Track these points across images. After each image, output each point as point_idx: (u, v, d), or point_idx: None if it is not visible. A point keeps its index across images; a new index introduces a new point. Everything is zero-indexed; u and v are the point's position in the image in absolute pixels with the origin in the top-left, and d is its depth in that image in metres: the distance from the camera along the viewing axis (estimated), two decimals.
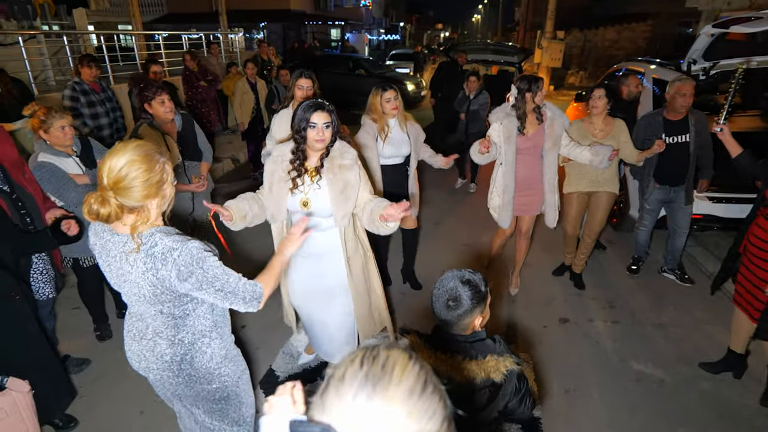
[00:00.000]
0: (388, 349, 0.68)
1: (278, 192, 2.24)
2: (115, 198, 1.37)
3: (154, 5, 18.26)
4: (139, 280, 1.44)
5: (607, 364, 3.03)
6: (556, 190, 3.36)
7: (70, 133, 2.69)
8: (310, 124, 2.10)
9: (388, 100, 3.11)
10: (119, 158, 1.36)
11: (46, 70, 7.46)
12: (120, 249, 1.46)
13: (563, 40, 15.65)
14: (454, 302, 1.39)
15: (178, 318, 1.56)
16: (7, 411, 1.89)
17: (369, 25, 29.66)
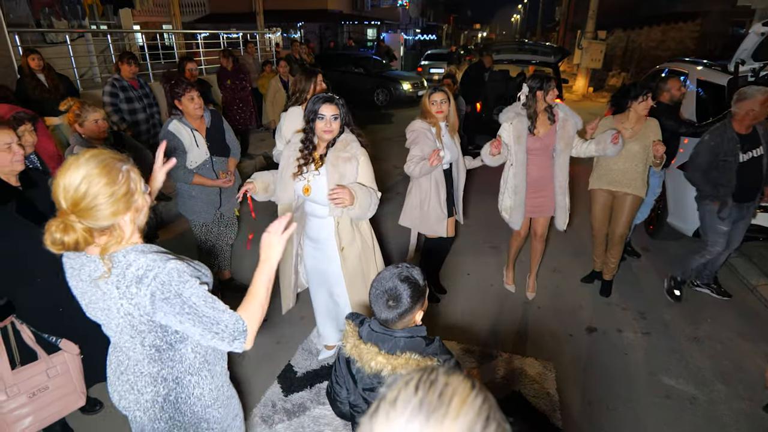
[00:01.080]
0: (448, 375, 0.61)
1: (285, 177, 2.40)
2: (80, 221, 1.17)
3: (197, 5, 18.82)
4: (112, 307, 1.25)
5: (635, 377, 2.89)
6: (566, 193, 3.28)
7: (103, 126, 2.80)
8: (318, 115, 2.25)
9: (434, 102, 2.98)
10: (73, 175, 1.15)
11: (92, 68, 7.79)
12: (89, 273, 1.27)
13: (605, 40, 15.17)
14: (394, 302, 1.35)
15: (162, 350, 1.34)
16: (58, 369, 2.11)
17: (405, 25, 29.59)
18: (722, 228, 3.33)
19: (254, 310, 1.35)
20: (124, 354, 1.38)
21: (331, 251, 2.51)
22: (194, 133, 3.09)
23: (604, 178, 3.50)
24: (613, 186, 3.46)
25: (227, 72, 6.78)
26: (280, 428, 2.47)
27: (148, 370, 1.36)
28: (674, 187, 4.19)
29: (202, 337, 1.28)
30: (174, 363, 1.37)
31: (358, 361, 1.37)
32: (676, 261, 3.71)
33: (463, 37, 50.03)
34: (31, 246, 1.94)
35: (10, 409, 1.98)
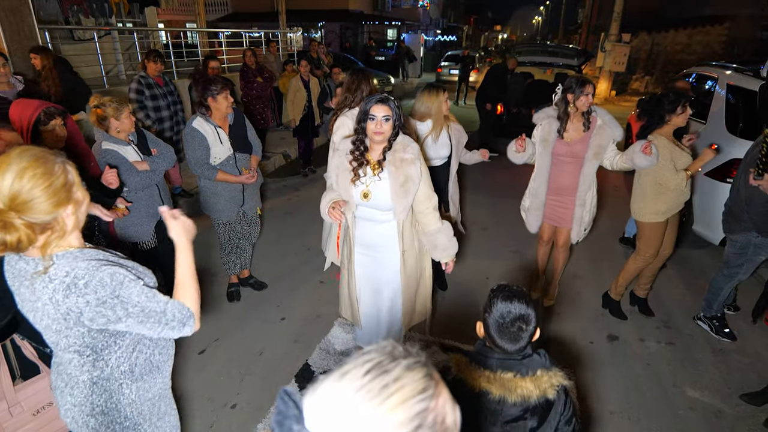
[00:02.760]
0: (406, 370, 0.59)
1: (344, 182, 2.31)
2: (20, 218, 1.12)
3: (220, 4, 19.09)
4: (41, 309, 1.22)
5: (658, 388, 2.83)
6: (588, 206, 3.15)
7: (132, 120, 2.85)
8: (369, 116, 2.16)
9: (446, 100, 3.16)
10: (5, 172, 1.11)
11: (118, 65, 7.95)
12: (23, 270, 1.23)
13: (629, 43, 14.90)
14: (526, 328, 1.31)
15: (87, 356, 1.30)
16: None
17: (426, 26, 29.52)
18: (761, 258, 3.06)
19: (190, 293, 1.39)
20: (58, 358, 1.36)
21: (387, 256, 2.44)
22: (218, 130, 3.12)
23: (674, 207, 3.13)
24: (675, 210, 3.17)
25: (252, 71, 6.84)
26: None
27: (79, 375, 1.33)
28: (701, 195, 4.09)
29: (152, 330, 1.28)
30: (104, 369, 1.34)
31: (495, 392, 1.29)
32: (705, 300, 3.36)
33: (483, 39, 49.69)
34: None
35: (13, 429, 1.93)
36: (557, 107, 3.08)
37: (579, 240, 3.29)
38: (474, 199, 5.64)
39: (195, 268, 1.43)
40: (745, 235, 2.98)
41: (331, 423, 0.57)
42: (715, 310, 3.28)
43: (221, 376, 2.83)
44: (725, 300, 3.27)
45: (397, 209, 2.28)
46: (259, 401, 2.64)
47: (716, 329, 3.27)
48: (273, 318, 3.36)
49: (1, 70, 3.51)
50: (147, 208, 2.97)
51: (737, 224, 3.00)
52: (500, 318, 1.31)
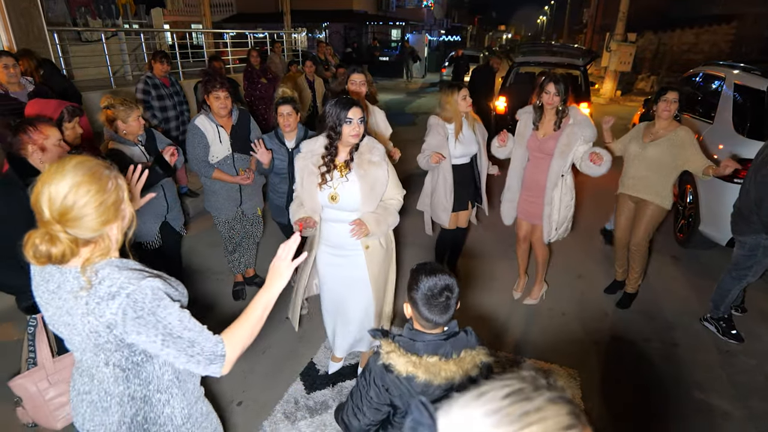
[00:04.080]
0: (549, 402, 0.56)
1: (309, 187, 2.31)
2: (65, 232, 1.10)
3: (225, 5, 19.16)
4: (77, 323, 1.16)
5: (663, 390, 2.82)
6: (555, 204, 3.13)
7: (142, 123, 2.87)
8: (346, 119, 2.17)
9: (464, 97, 3.17)
10: (60, 183, 1.08)
11: (124, 66, 7.99)
12: (60, 283, 1.18)
13: (635, 42, 14.84)
14: (452, 299, 1.36)
15: (128, 370, 1.25)
16: None
17: (430, 26, 29.52)
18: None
19: (242, 335, 1.28)
20: (87, 373, 1.30)
21: (357, 255, 2.44)
22: (219, 129, 3.15)
23: (624, 182, 3.45)
24: (634, 191, 3.37)
25: (256, 71, 6.86)
26: (302, 425, 2.49)
27: (114, 390, 1.27)
28: (708, 195, 4.07)
29: (176, 359, 1.20)
30: (141, 382, 1.28)
31: (421, 376, 1.31)
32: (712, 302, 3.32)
33: (487, 39, 49.63)
34: None
35: (52, 397, 2.04)
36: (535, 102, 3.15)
37: (551, 239, 3.28)
38: None
39: (266, 315, 1.33)
40: (754, 237, 2.96)
41: None
42: (722, 312, 3.26)
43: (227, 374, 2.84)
44: (733, 301, 3.25)
45: (365, 209, 2.30)
46: (264, 399, 2.65)
47: (723, 331, 3.25)
48: (278, 316, 3.37)
49: (12, 71, 3.54)
50: (152, 209, 2.98)
51: (747, 226, 2.98)
52: (428, 291, 1.36)
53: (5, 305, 3.33)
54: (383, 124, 3.55)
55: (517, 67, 8.21)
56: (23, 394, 2.02)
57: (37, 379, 2.02)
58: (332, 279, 2.54)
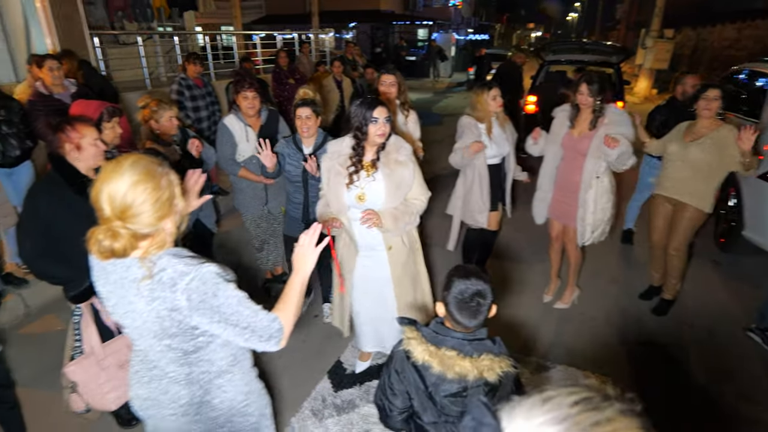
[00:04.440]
0: (619, 414, 0.54)
1: (336, 187, 2.31)
2: (125, 227, 1.18)
3: (254, 7, 19.47)
4: (143, 310, 1.24)
5: (704, 401, 2.71)
6: (589, 206, 3.04)
7: (176, 124, 2.94)
8: (372, 119, 2.16)
9: (494, 97, 3.15)
10: (119, 182, 1.16)
11: (159, 67, 8.23)
12: (122, 275, 1.26)
13: (672, 39, 14.36)
14: (483, 305, 1.37)
15: (190, 353, 1.32)
16: None
17: (457, 25, 29.28)
18: None
19: (289, 312, 1.37)
20: (150, 360, 1.37)
21: (383, 255, 2.45)
22: (247, 128, 3.21)
23: (662, 183, 3.32)
24: (673, 193, 3.23)
25: (284, 72, 6.95)
26: (329, 423, 2.50)
27: (179, 373, 1.35)
28: (753, 198, 3.89)
29: (238, 336, 1.27)
30: (203, 364, 1.36)
31: (436, 366, 1.34)
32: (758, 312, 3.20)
33: (515, 37, 48.94)
34: None
35: (104, 380, 2.15)
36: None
37: (585, 242, 3.19)
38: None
39: (303, 296, 1.44)
40: None
41: None
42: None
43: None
44: None
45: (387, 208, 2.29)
46: (293, 396, 2.68)
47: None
48: (306, 315, 3.41)
49: (56, 73, 3.68)
50: None
51: None
52: (459, 294, 1.36)
53: (48, 298, 3.47)
54: (413, 125, 3.53)
55: (548, 66, 8.03)
56: (79, 379, 2.12)
57: (89, 364, 2.13)
58: (362, 279, 2.53)
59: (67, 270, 2.07)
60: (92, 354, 2.14)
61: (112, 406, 2.19)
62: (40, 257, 2.04)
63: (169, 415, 1.40)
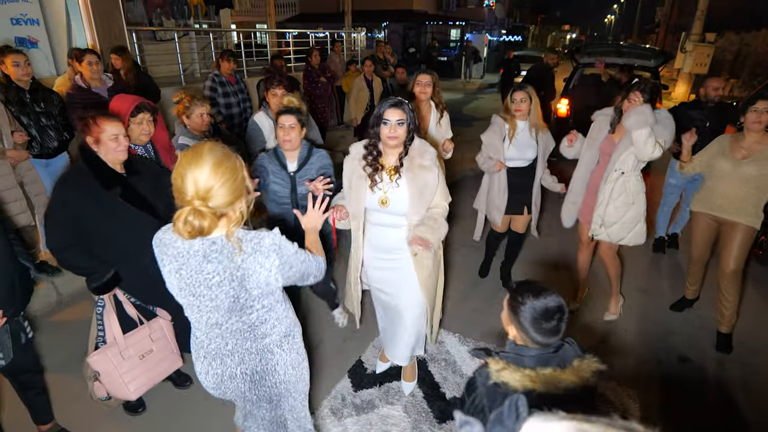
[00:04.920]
0: None
1: (357, 190, 2.25)
2: (207, 206, 1.30)
3: (288, 5, 19.74)
4: (224, 281, 1.40)
5: (737, 419, 2.60)
6: (604, 198, 2.95)
7: (207, 120, 2.99)
8: (383, 120, 2.11)
9: (513, 100, 3.15)
10: (202, 167, 1.29)
11: (193, 63, 8.42)
12: (200, 252, 1.39)
13: (713, 43, 13.83)
14: (562, 315, 1.30)
15: (255, 327, 1.54)
16: (158, 334, 2.37)
17: (491, 26, 28.97)
18: None
19: (317, 249, 1.74)
20: (221, 336, 1.55)
21: (405, 259, 2.38)
22: (275, 125, 3.23)
23: (707, 201, 3.09)
24: (721, 212, 3.02)
25: (315, 70, 7.01)
26: (348, 422, 2.50)
27: (248, 346, 1.57)
28: None
29: (301, 280, 1.59)
30: (264, 337, 1.57)
31: (539, 389, 1.24)
32: None
33: (550, 39, 48.06)
34: (132, 227, 2.13)
35: (125, 371, 2.21)
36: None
37: (594, 236, 3.09)
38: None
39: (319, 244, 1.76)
40: None
41: None
42: None
43: None
44: None
45: (411, 215, 2.22)
46: (312, 393, 2.68)
47: None
48: (328, 313, 3.42)
49: (95, 67, 3.81)
50: None
51: None
52: (539, 315, 1.28)
53: (80, 286, 3.59)
54: (446, 125, 3.48)
55: (582, 69, 7.84)
56: (101, 369, 2.17)
57: (111, 354, 2.18)
58: (381, 282, 2.48)
59: (91, 261, 2.11)
60: (114, 344, 2.19)
61: (132, 395, 2.24)
62: (66, 248, 2.08)
63: (240, 389, 1.63)
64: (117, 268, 2.18)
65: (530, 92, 3.14)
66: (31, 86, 3.46)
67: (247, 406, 1.77)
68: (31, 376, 2.23)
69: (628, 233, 3.04)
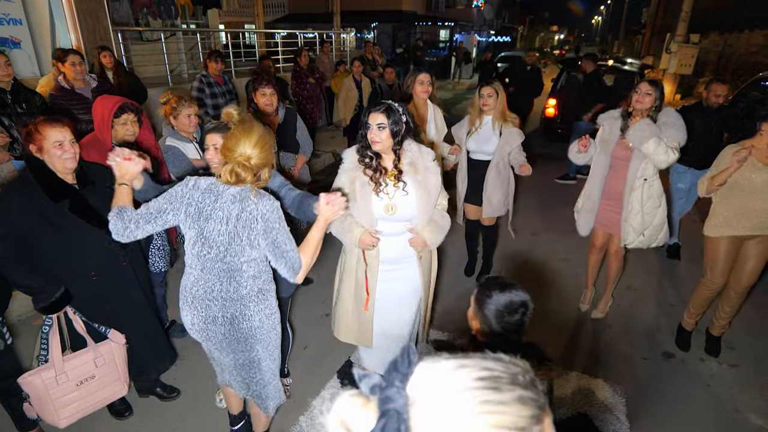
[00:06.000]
0: (517, 401, 0.57)
1: (364, 197, 2.16)
2: (250, 163, 1.71)
3: (277, 6, 19.63)
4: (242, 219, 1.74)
5: (717, 413, 2.64)
6: (634, 208, 2.96)
7: (194, 121, 2.96)
8: (366, 125, 2.09)
9: (481, 96, 3.29)
10: (251, 136, 1.70)
11: (181, 64, 8.35)
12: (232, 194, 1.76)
13: (697, 44, 14.03)
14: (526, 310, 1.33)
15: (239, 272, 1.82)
16: (105, 359, 2.20)
17: (479, 26, 29.11)
18: None
19: (309, 253, 1.85)
20: (209, 280, 1.83)
21: (409, 267, 2.34)
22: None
23: (738, 222, 2.75)
24: (758, 231, 2.74)
25: (304, 71, 7.00)
26: None
27: (230, 293, 1.84)
28: None
29: (276, 260, 1.80)
30: (244, 287, 1.84)
31: None
32: None
33: (538, 39, 48.41)
34: (81, 241, 2.02)
35: (58, 396, 2.08)
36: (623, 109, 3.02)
37: (629, 245, 3.09)
38: (526, 201, 5.53)
39: (322, 238, 1.89)
40: None
41: (427, 400, 0.58)
42: None
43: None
44: None
45: (420, 219, 2.20)
46: (302, 394, 2.69)
47: None
48: (317, 313, 3.42)
49: (79, 68, 3.76)
50: None
51: None
52: (503, 308, 1.30)
53: None
54: (440, 123, 3.49)
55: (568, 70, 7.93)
56: (31, 391, 2.05)
57: (45, 377, 2.04)
58: (383, 296, 2.37)
59: (38, 279, 1.97)
60: (51, 367, 2.06)
61: (61, 423, 2.10)
62: (12, 266, 1.94)
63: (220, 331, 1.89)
64: (66, 286, 2.05)
65: (497, 87, 3.26)
66: (13, 87, 3.41)
67: (223, 356, 2.00)
68: (12, 382, 2.12)
69: (659, 234, 3.07)
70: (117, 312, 2.24)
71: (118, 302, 2.24)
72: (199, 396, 2.68)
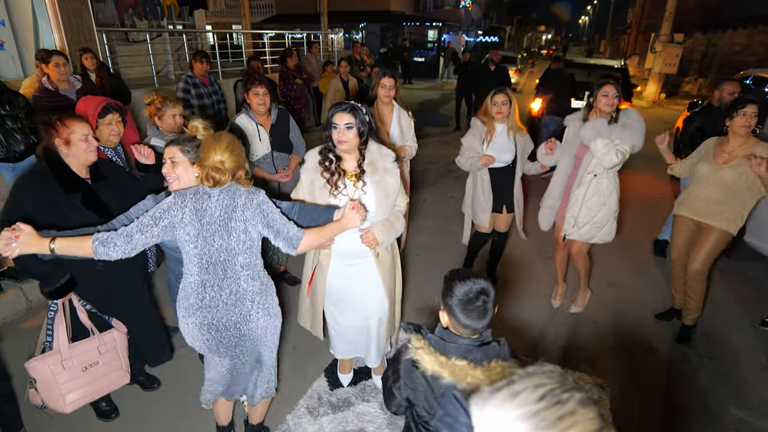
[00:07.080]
0: (580, 405, 0.59)
1: (322, 199, 2.19)
2: (224, 166, 1.80)
3: (265, 6, 19.58)
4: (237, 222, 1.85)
5: (699, 405, 2.70)
6: (577, 201, 3.04)
7: (179, 122, 2.95)
8: (332, 124, 2.09)
9: (495, 103, 3.19)
10: (221, 141, 1.82)
11: (167, 65, 8.30)
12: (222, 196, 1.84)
13: (682, 43, 14.25)
14: (489, 303, 1.33)
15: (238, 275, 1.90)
16: (108, 347, 2.30)
17: (467, 27, 29.24)
18: None
19: (314, 235, 1.95)
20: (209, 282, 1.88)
21: (370, 263, 2.36)
22: (258, 127, 3.21)
23: (688, 204, 3.08)
24: (700, 216, 3.00)
25: (291, 71, 6.99)
26: (324, 421, 2.52)
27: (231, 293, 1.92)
28: None
29: (274, 237, 1.91)
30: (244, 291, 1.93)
31: (447, 377, 1.28)
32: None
33: (526, 39, 48.76)
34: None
35: (64, 381, 2.12)
36: (586, 108, 3.06)
37: (567, 235, 3.17)
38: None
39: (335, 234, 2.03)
40: None
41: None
42: None
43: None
44: None
45: (377, 218, 2.22)
46: (288, 392, 2.70)
47: None
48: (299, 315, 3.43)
49: (62, 69, 3.74)
50: None
51: None
52: (464, 296, 1.32)
53: None
54: (405, 124, 3.49)
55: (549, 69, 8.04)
56: (37, 376, 2.09)
57: (51, 362, 2.09)
58: (345, 291, 2.41)
59: (42, 265, 2.03)
60: (57, 352, 2.12)
61: (67, 408, 2.14)
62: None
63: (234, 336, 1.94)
64: (73, 274, 2.12)
65: (510, 95, 3.20)
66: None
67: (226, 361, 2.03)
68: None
69: (598, 232, 3.12)
70: (121, 301, 2.31)
71: (122, 292, 2.33)
72: (186, 396, 2.68)
